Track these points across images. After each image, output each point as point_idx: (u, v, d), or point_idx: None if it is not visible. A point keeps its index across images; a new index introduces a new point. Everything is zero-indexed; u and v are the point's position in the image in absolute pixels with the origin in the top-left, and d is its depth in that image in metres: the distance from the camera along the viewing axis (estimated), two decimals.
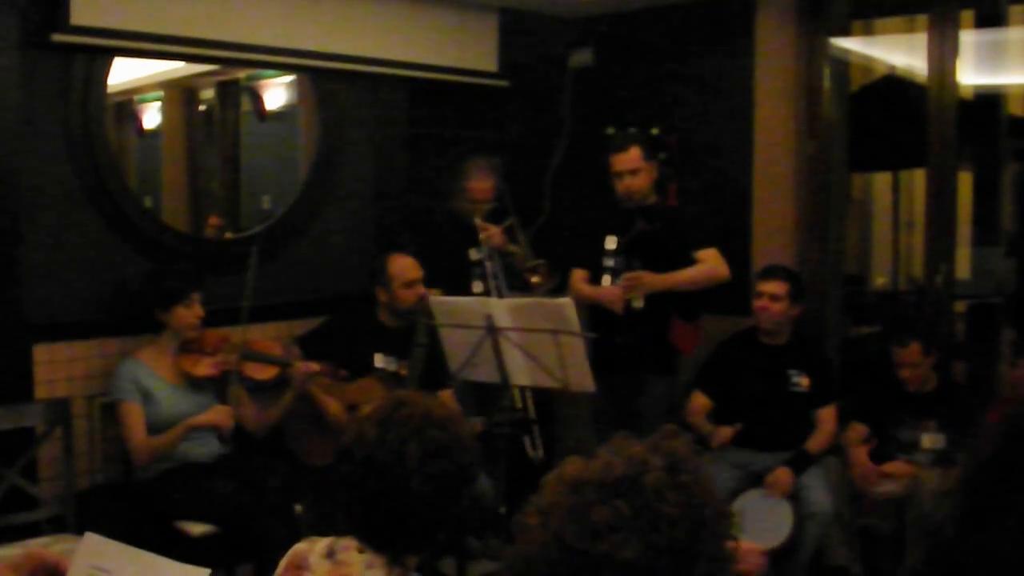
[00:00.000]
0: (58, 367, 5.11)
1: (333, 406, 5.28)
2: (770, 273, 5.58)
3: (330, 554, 2.38)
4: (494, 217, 6.10)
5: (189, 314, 5.02)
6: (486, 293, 5.85)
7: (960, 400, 5.42)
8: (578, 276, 5.70)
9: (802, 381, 5.49)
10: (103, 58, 5.18)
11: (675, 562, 1.48)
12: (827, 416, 5.50)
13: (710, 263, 5.53)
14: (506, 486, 4.92)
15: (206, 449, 5.04)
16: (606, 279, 5.53)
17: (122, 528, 3.78)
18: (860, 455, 5.37)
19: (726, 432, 5.42)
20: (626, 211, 5.54)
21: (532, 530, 1.56)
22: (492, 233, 5.98)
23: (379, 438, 2.35)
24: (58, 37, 4.91)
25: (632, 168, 5.51)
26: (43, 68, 4.99)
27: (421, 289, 5.47)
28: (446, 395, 5.38)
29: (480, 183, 6.07)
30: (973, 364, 6.25)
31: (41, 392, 5.03)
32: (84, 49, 5.06)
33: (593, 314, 5.53)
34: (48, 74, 5.02)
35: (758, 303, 5.51)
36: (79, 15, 4.94)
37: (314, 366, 5.21)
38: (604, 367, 5.27)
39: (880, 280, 8.39)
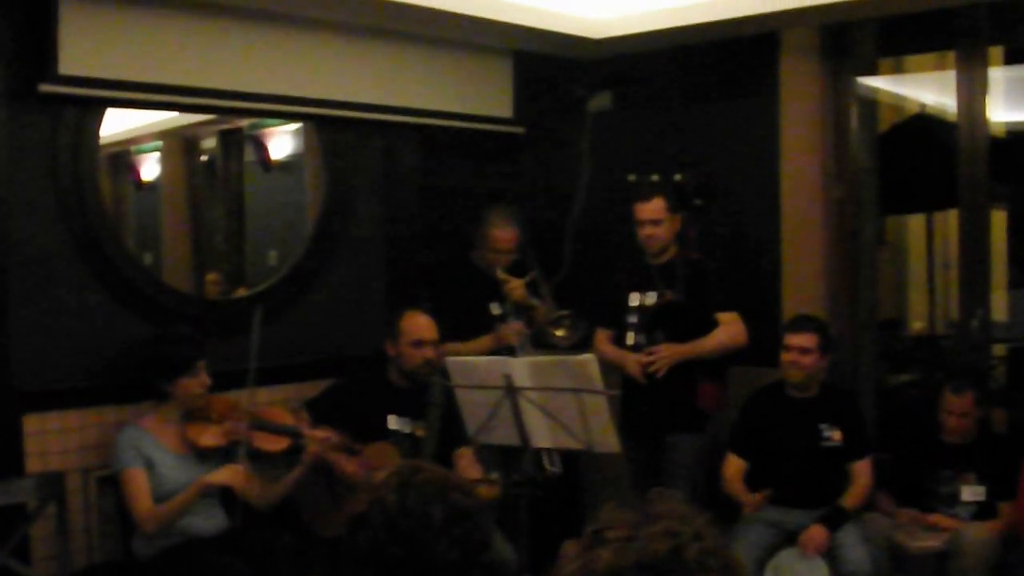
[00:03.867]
0: (50, 438, 5.03)
1: (350, 467, 5.22)
2: (798, 325, 5.61)
3: None
4: (516, 270, 6.13)
5: (195, 383, 4.98)
6: (508, 350, 5.84)
7: (1000, 450, 5.50)
8: (602, 337, 5.85)
9: (834, 435, 5.52)
10: (94, 109, 5.15)
11: None
12: (862, 470, 5.52)
13: (731, 329, 5.67)
14: (529, 554, 4.93)
15: (211, 523, 5.00)
16: (630, 336, 5.66)
17: None
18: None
19: (757, 499, 5.45)
20: (648, 266, 5.69)
21: None
22: (515, 286, 6.02)
23: (400, 503, 2.32)
24: (46, 88, 4.87)
25: (654, 219, 5.66)
26: (30, 120, 4.94)
27: (430, 352, 5.44)
28: (466, 453, 5.42)
29: (504, 232, 6.09)
30: (1013, 411, 6.31)
31: (32, 466, 4.95)
32: (74, 100, 5.02)
33: (624, 381, 5.65)
34: (36, 126, 4.97)
35: (787, 357, 5.55)
36: (68, 64, 4.90)
37: (327, 435, 5.18)
38: (629, 430, 5.44)
39: (917, 325, 8.46)
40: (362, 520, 2.36)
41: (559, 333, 5.91)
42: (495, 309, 6.09)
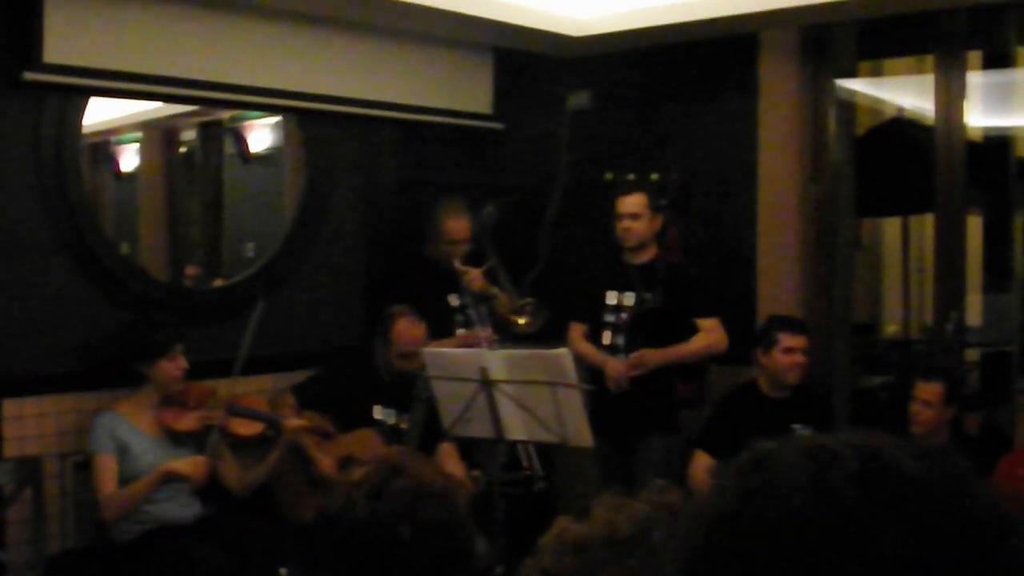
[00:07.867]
0: (28, 423, 5.07)
1: (325, 462, 5.30)
2: (796, 326, 5.67)
3: None
4: (473, 261, 6.14)
5: (173, 367, 5.05)
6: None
7: (972, 452, 5.55)
8: (577, 331, 5.78)
9: (806, 435, 5.55)
10: (78, 98, 5.20)
11: None
12: None
13: (712, 336, 5.66)
14: (504, 546, 4.98)
15: (187, 511, 5.06)
16: (606, 335, 5.64)
17: None
18: None
19: None
20: (626, 265, 5.67)
21: None
22: (473, 276, 6.02)
23: (370, 513, 2.31)
24: (30, 76, 4.93)
25: (634, 212, 5.62)
26: (14, 108, 4.99)
27: (418, 364, 5.34)
28: (447, 448, 5.47)
29: (456, 222, 6.13)
30: (986, 415, 6.36)
31: (9, 450, 4.99)
32: (58, 88, 5.06)
33: (594, 376, 5.56)
34: (19, 114, 5.01)
35: (792, 359, 5.59)
36: (53, 53, 4.95)
37: (302, 422, 5.25)
38: (599, 429, 5.42)
39: (891, 329, 8.51)
40: (333, 520, 2.40)
41: (521, 321, 5.93)
42: (454, 301, 6.11)
